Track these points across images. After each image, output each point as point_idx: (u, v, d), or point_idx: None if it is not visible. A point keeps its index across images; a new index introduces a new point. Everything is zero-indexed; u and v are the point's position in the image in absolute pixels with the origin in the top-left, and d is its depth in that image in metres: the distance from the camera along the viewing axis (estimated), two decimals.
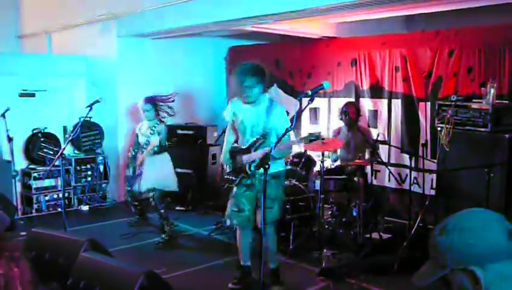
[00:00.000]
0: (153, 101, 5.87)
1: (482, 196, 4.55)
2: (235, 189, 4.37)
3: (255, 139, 4.26)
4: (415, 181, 6.27)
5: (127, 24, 7.39)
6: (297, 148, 7.07)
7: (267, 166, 3.13)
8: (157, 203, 5.83)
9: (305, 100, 3.66)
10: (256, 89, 4.16)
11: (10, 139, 6.75)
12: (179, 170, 7.56)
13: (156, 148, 5.74)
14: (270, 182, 3.94)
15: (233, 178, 4.35)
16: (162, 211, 5.87)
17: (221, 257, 5.33)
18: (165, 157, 5.90)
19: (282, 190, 4.46)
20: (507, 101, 5.25)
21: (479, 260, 1.29)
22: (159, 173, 5.81)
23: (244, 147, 4.34)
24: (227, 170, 4.45)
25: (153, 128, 5.77)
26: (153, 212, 6.28)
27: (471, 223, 1.33)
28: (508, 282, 1.27)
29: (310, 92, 3.21)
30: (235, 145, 4.51)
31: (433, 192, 5.92)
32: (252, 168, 4.21)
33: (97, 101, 5.52)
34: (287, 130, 3.29)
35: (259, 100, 4.25)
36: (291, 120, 3.54)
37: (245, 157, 4.28)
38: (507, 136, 4.71)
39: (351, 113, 5.99)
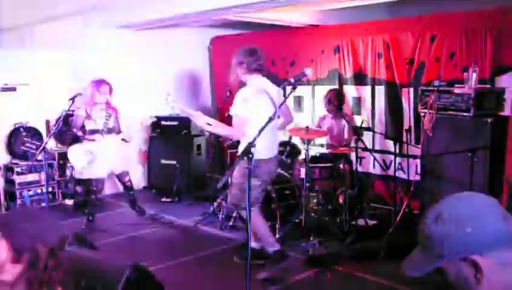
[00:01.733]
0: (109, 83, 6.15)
1: (466, 180, 4.60)
2: None
3: None
4: (400, 167, 6.31)
5: (109, 16, 7.28)
6: (282, 137, 7.08)
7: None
8: (132, 185, 6.36)
9: (288, 88, 3.65)
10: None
11: None
12: (163, 161, 7.58)
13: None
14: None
15: None
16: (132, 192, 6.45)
17: (208, 248, 5.33)
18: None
19: (240, 176, 4.48)
20: (489, 86, 5.29)
21: (479, 248, 1.25)
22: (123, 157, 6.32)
23: None
24: None
25: (107, 111, 6.06)
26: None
27: (468, 211, 1.29)
28: (508, 269, 1.25)
29: (292, 80, 3.20)
30: None
31: (418, 177, 5.97)
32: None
33: (79, 94, 5.47)
34: None
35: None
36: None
37: None
38: (489, 120, 4.76)
39: (333, 100, 5.99)
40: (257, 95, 4.37)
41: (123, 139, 6.17)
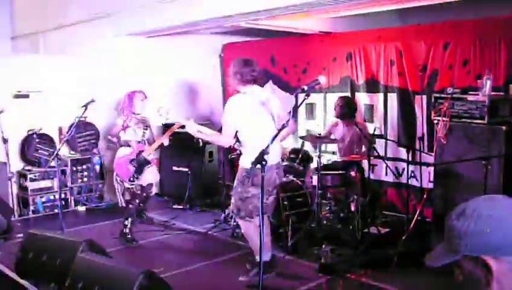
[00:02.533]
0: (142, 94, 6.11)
1: (479, 188, 4.54)
2: None
3: None
4: (413, 174, 6.27)
5: (121, 23, 7.34)
6: (294, 144, 7.07)
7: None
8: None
9: (301, 96, 3.65)
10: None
11: (5, 141, 6.72)
12: (175, 168, 7.59)
13: (167, 142, 5.99)
14: None
15: None
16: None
17: (220, 255, 5.32)
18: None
19: (240, 185, 4.53)
20: (503, 93, 5.24)
21: (494, 249, 1.25)
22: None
23: None
24: None
25: (144, 121, 6.04)
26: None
27: (491, 211, 1.28)
28: None
29: (305, 88, 3.20)
30: None
31: (431, 185, 5.92)
32: None
33: (92, 101, 5.49)
34: None
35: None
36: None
37: None
38: (504, 127, 4.71)
39: (343, 107, 5.97)
40: (249, 104, 4.39)
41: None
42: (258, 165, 3.24)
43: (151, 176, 6.00)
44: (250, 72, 4.40)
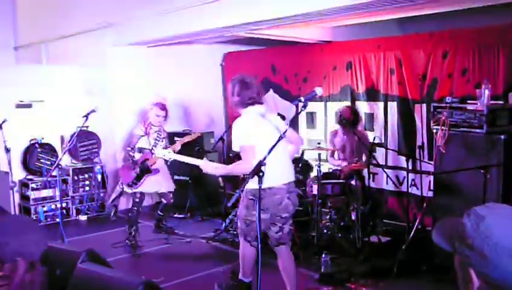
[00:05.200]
0: (166, 109, 6.19)
1: (479, 196, 4.55)
2: None
3: None
4: (413, 183, 6.28)
5: (122, 33, 7.40)
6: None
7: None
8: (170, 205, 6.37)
9: (299, 106, 3.64)
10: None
11: (8, 150, 6.74)
12: (176, 177, 7.60)
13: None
14: None
15: None
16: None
17: (220, 264, 5.32)
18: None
19: (244, 208, 4.14)
20: (502, 102, 5.26)
21: (483, 274, 1.24)
22: (169, 177, 6.33)
23: None
24: None
25: (159, 133, 6.12)
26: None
27: (501, 240, 1.22)
28: None
29: (303, 99, 3.22)
30: None
31: (431, 194, 5.92)
32: None
33: (93, 111, 5.52)
34: None
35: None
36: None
37: None
38: (502, 137, 4.71)
39: (345, 115, 5.98)
40: (256, 122, 4.03)
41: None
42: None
43: (152, 184, 6.04)
44: (250, 95, 4.07)
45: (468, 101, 5.15)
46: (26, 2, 9.80)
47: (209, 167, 4.18)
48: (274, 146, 3.18)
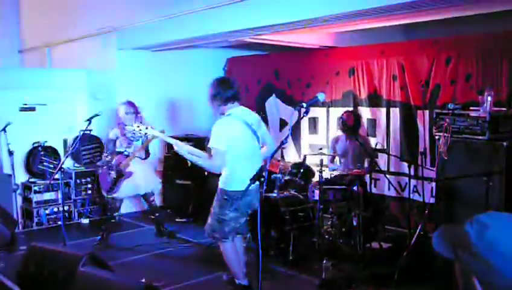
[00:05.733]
0: (134, 105, 6.13)
1: (481, 203, 4.54)
2: None
3: None
4: (415, 189, 6.27)
5: (127, 37, 7.44)
6: (296, 158, 7.09)
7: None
8: (156, 206, 6.37)
9: (297, 113, 3.68)
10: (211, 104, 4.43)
11: (11, 153, 6.79)
12: (178, 182, 7.62)
13: (143, 155, 6.03)
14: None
15: None
16: (157, 213, 6.36)
17: (221, 269, 5.31)
18: (149, 162, 6.26)
19: (217, 208, 4.40)
20: (505, 109, 5.25)
21: (485, 282, 1.24)
22: (149, 178, 6.28)
23: None
24: None
25: (134, 133, 5.66)
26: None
27: (507, 248, 1.22)
28: None
29: (304, 105, 3.23)
30: None
31: (433, 200, 5.91)
32: None
33: (96, 115, 5.56)
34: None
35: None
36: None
37: None
38: (505, 143, 4.71)
39: (348, 122, 5.99)
40: (234, 126, 4.28)
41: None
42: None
43: (129, 188, 6.05)
44: (229, 90, 4.33)
45: (471, 108, 5.15)
46: (31, 5, 9.86)
47: (182, 148, 4.34)
48: (275, 152, 3.21)
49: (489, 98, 4.86)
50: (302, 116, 3.47)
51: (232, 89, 4.37)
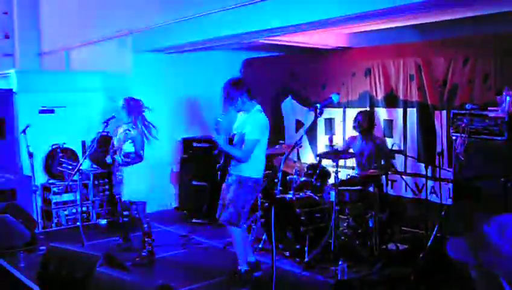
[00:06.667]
0: (128, 101, 5.58)
1: (499, 205, 4.49)
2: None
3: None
4: (433, 190, 6.21)
5: (143, 39, 7.51)
6: (312, 160, 7.08)
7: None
8: (141, 217, 5.59)
9: (312, 114, 3.70)
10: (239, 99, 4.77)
11: (31, 155, 6.90)
12: (194, 183, 7.66)
13: (131, 157, 5.44)
14: (232, 184, 4.76)
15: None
16: (146, 225, 5.61)
17: None
18: (142, 164, 5.56)
19: (243, 196, 4.74)
20: None
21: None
22: (140, 184, 5.59)
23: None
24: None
25: (127, 132, 5.48)
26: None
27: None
28: None
29: (319, 106, 3.24)
30: None
31: (451, 201, 5.85)
32: (230, 168, 4.89)
33: (113, 117, 5.62)
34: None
35: (248, 109, 4.83)
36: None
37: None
38: None
39: (362, 122, 5.97)
40: (265, 119, 4.85)
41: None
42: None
43: (125, 192, 5.69)
44: (249, 86, 4.86)
45: (489, 108, 5.09)
46: (50, 9, 10.01)
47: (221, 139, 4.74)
48: (291, 150, 3.22)
49: (507, 98, 4.79)
50: (316, 117, 3.47)
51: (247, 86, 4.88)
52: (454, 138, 5.12)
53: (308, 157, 7.61)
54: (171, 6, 6.83)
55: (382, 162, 5.79)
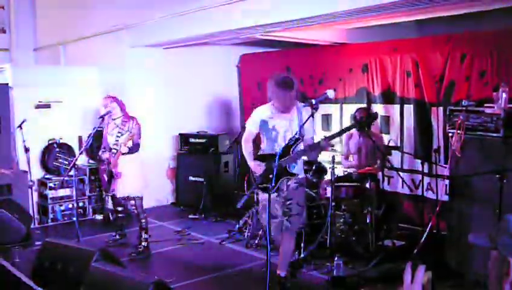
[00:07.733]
0: (115, 98, 5.69)
1: (495, 201, 4.49)
2: (265, 195, 4.02)
3: (293, 142, 4.14)
4: (429, 187, 6.21)
5: (139, 34, 7.47)
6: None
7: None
8: (139, 212, 5.60)
9: (308, 109, 3.67)
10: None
11: (27, 150, 6.87)
12: (191, 178, 7.66)
13: (129, 147, 5.40)
14: (298, 189, 4.30)
15: (265, 184, 4.09)
16: (143, 220, 5.62)
17: (232, 266, 5.34)
18: (138, 159, 5.60)
19: (304, 196, 4.59)
20: None
21: None
22: (136, 179, 5.57)
23: (275, 152, 4.13)
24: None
25: (122, 127, 5.51)
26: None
27: None
28: None
29: (313, 101, 3.22)
30: (264, 151, 4.44)
31: (447, 198, 5.85)
32: (293, 169, 4.29)
33: (109, 112, 5.59)
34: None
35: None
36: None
37: (287, 160, 4.17)
38: None
39: (361, 119, 5.96)
40: None
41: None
42: None
43: (121, 188, 5.56)
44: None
45: (485, 105, 5.08)
46: (46, 4, 9.96)
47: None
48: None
49: (504, 95, 4.78)
50: (311, 113, 3.45)
51: None
52: (450, 134, 5.12)
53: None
54: (166, 1, 6.80)
55: (378, 162, 5.78)
